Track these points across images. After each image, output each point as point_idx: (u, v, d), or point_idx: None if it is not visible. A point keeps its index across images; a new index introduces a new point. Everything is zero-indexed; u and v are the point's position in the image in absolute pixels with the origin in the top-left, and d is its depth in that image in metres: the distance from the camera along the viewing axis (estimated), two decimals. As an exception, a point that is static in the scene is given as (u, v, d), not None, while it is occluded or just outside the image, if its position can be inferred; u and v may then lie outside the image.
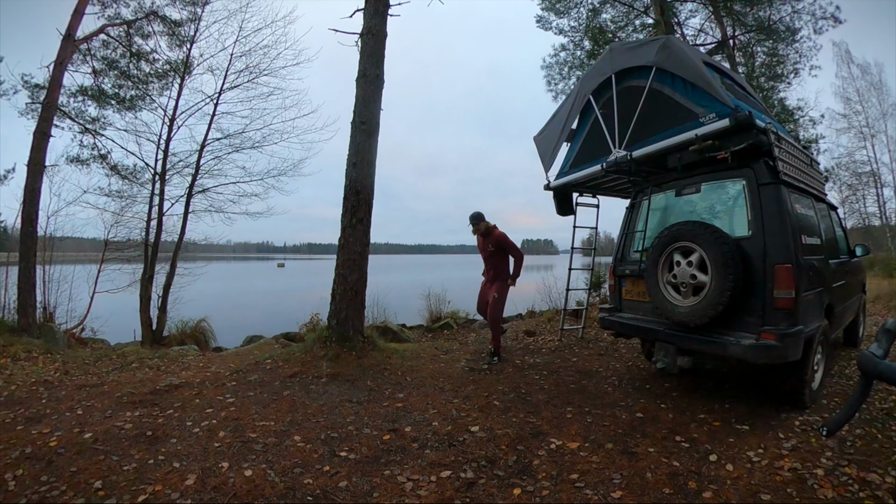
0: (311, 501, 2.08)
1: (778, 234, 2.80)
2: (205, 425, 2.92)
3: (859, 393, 0.88)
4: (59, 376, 4.19)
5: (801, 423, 2.76)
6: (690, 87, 3.31)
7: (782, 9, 10.64)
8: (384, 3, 5.06)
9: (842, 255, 4.04)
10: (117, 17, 8.38)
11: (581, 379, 3.94)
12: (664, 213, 3.59)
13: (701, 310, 2.87)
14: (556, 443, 2.63)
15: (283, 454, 2.52)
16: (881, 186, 20.44)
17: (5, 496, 2.09)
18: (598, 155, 4.10)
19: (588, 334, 5.72)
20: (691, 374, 3.88)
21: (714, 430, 2.76)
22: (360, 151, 4.83)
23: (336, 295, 4.76)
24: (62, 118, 7.97)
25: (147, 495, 2.10)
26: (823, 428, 0.89)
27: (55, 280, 7.42)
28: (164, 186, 8.66)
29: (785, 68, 11.10)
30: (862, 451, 2.39)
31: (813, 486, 2.06)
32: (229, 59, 9.02)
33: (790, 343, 2.65)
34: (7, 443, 2.65)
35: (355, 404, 3.34)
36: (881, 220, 20.73)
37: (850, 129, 20.47)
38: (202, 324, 8.42)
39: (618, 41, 9.14)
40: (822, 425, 0.88)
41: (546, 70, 12.22)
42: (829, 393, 3.38)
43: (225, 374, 4.09)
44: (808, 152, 3.73)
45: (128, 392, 3.62)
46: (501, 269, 4.76)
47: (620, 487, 2.14)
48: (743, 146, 2.92)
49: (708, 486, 2.12)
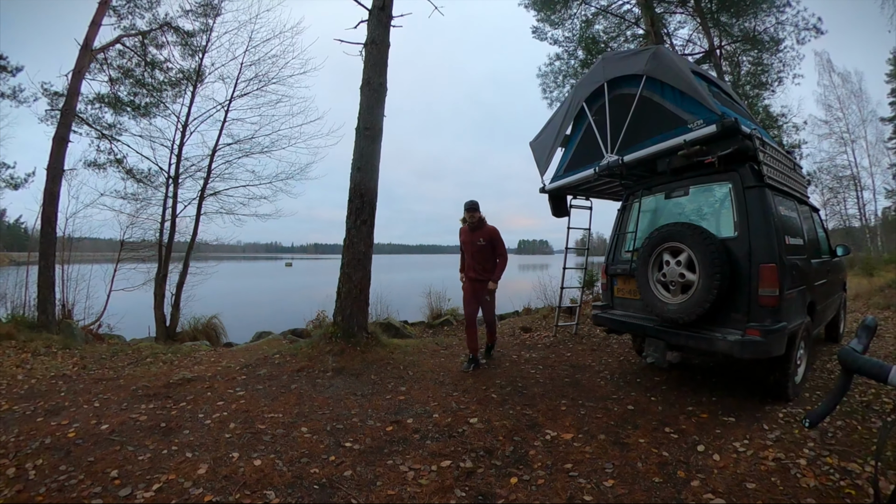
0: (318, 490, 2.08)
1: (762, 235, 2.80)
2: (216, 417, 2.92)
3: (840, 386, 0.88)
4: (77, 370, 4.19)
5: (785, 415, 2.76)
6: (679, 95, 3.31)
7: (767, 20, 10.66)
8: (387, 14, 5.06)
9: (823, 255, 4.04)
10: (133, 28, 8.40)
11: (575, 373, 3.94)
12: (654, 214, 3.59)
13: (689, 307, 2.87)
14: (551, 434, 2.63)
15: (290, 445, 2.53)
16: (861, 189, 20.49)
17: (26, 484, 2.09)
18: (592, 159, 4.10)
19: (581, 330, 5.72)
20: (680, 368, 3.88)
21: (702, 421, 2.76)
22: (364, 156, 4.83)
23: (341, 293, 4.76)
24: (80, 124, 7.99)
25: (161, 484, 2.10)
26: (806, 420, 0.89)
27: (73, 279, 7.43)
28: (178, 189, 8.68)
29: (769, 77, 11.11)
30: (843, 441, 2.39)
31: (796, 475, 2.06)
32: (239, 68, 9.06)
33: (774, 339, 2.64)
34: (28, 434, 2.66)
35: (359, 397, 3.34)
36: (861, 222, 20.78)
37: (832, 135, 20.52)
38: (213, 320, 8.45)
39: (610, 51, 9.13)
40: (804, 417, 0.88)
41: (542, 78, 12.23)
42: (811, 386, 3.38)
43: (235, 369, 4.10)
44: (791, 157, 3.73)
45: (142, 385, 3.62)
46: (488, 266, 4.16)
47: (612, 476, 2.14)
48: (729, 151, 2.92)
49: (696, 475, 2.12)
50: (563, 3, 11.32)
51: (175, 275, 8.76)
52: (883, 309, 7.21)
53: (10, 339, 5.13)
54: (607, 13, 11.46)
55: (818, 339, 4.72)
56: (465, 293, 4.31)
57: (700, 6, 10.79)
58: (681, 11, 11.40)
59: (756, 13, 10.54)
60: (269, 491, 2.05)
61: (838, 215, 21.09)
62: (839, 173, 20.64)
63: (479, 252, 4.16)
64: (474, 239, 4.15)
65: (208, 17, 8.93)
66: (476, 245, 4.14)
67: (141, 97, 8.65)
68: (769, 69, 11.07)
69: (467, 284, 4.28)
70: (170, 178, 8.65)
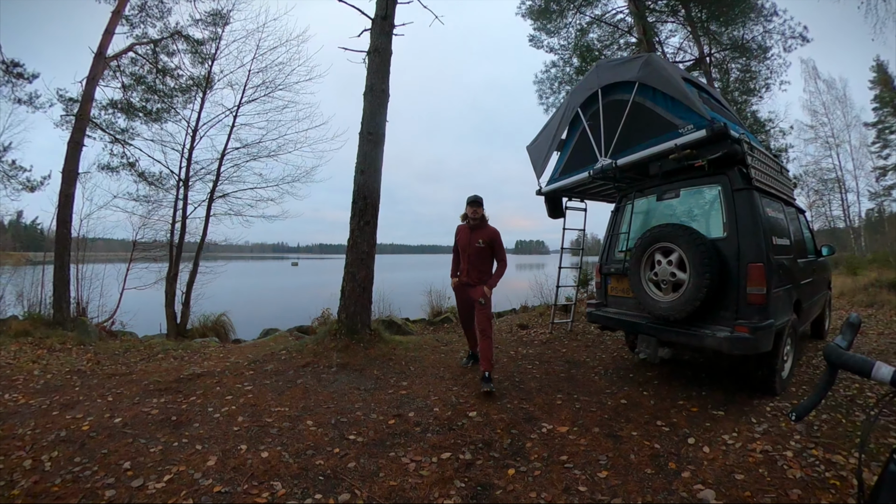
0: (323, 480, 2.07)
1: (750, 236, 2.80)
2: (225, 411, 2.92)
3: (825, 381, 0.88)
4: (91, 366, 4.19)
5: (772, 409, 2.76)
6: (670, 101, 3.31)
7: (755, 29, 10.65)
8: (389, 24, 5.06)
9: (809, 255, 4.04)
10: (145, 37, 8.39)
11: (570, 368, 3.94)
12: (646, 216, 3.59)
13: (680, 305, 2.87)
14: (547, 427, 2.63)
15: (296, 437, 2.52)
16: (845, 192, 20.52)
17: (42, 475, 2.09)
18: (586, 163, 4.09)
19: (576, 327, 5.72)
20: (671, 364, 3.88)
21: (692, 415, 2.75)
22: (367, 160, 4.82)
23: (345, 291, 4.76)
24: (94, 129, 7.97)
25: (172, 475, 2.09)
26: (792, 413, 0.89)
27: (87, 278, 7.44)
28: (188, 192, 8.68)
29: (757, 83, 11.10)
30: (828, 434, 2.39)
31: (783, 467, 2.06)
32: (247, 75, 9.06)
33: (762, 335, 2.64)
34: (44, 427, 2.66)
35: (363, 392, 3.33)
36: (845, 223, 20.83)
37: (817, 140, 20.56)
38: (222, 318, 8.45)
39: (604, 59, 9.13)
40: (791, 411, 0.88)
41: (538, 85, 12.21)
42: (797, 381, 3.38)
43: (243, 364, 4.09)
44: (778, 160, 3.73)
45: (154, 380, 3.62)
46: (485, 269, 3.64)
47: (606, 468, 2.13)
48: (718, 155, 2.92)
49: (686, 466, 2.12)
50: (558, 12, 11.31)
51: (185, 274, 8.76)
52: (866, 307, 7.21)
53: (27, 335, 5.14)
54: (601, 22, 11.46)
55: (804, 336, 4.73)
56: (458, 300, 3.86)
57: (690, 15, 10.80)
58: (672, 20, 11.40)
59: (744, 22, 10.54)
60: (276, 482, 2.05)
61: (823, 217, 21.14)
62: (824, 176, 20.70)
63: (477, 255, 3.61)
64: (473, 240, 3.61)
65: (217, 26, 8.94)
66: (474, 247, 3.60)
67: (153, 103, 8.65)
68: (757, 76, 11.07)
69: (460, 289, 3.76)
70: (180, 181, 8.65)
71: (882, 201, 20.91)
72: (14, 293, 6.98)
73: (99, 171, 8.35)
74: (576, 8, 11.25)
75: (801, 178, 19.77)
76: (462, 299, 3.79)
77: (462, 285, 3.72)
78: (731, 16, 10.36)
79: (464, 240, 3.70)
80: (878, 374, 0.79)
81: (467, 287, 3.67)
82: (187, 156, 8.69)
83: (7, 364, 4.11)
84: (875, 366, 0.79)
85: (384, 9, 5.02)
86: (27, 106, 7.97)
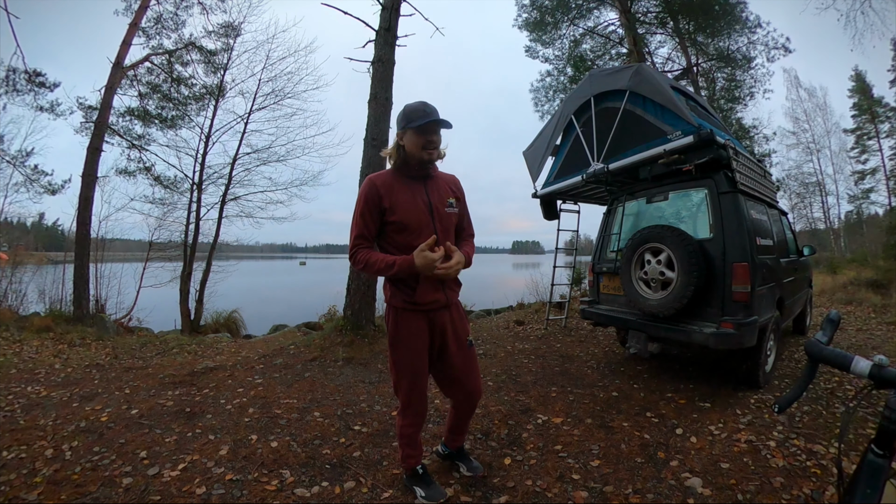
0: (329, 469, 2.07)
1: (736, 236, 2.79)
2: (236, 403, 2.92)
3: (806, 375, 0.88)
4: (109, 360, 4.19)
5: (756, 401, 2.75)
6: (660, 108, 3.30)
7: (739, 40, 10.67)
8: (393, 35, 5.07)
9: (791, 255, 4.03)
10: (160, 48, 8.40)
11: (564, 362, 3.93)
12: (636, 218, 3.58)
13: (668, 302, 2.87)
14: (542, 418, 2.63)
15: (304, 428, 2.52)
16: (825, 195, 20.50)
17: (63, 464, 2.09)
18: (579, 167, 4.09)
19: (570, 324, 5.71)
20: (660, 358, 3.88)
21: (680, 407, 2.75)
22: (371, 165, 4.82)
23: (350, 289, 4.76)
24: (112, 135, 7.99)
25: (186, 464, 2.09)
26: (775, 405, 0.89)
27: (106, 276, 7.46)
28: (201, 195, 8.69)
29: (742, 92, 11.11)
30: (809, 425, 2.38)
31: (766, 456, 2.05)
32: (258, 84, 9.07)
33: (746, 331, 2.64)
34: (64, 418, 2.66)
35: (367, 385, 3.33)
36: (825, 224, 20.78)
37: (799, 145, 20.51)
38: (234, 314, 8.45)
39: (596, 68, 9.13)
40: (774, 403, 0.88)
41: (534, 93, 12.23)
42: (780, 374, 3.37)
43: (254, 359, 4.09)
44: (761, 165, 3.73)
45: (169, 374, 3.62)
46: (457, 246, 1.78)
47: (598, 457, 2.13)
48: (705, 159, 2.92)
49: (675, 455, 2.12)
50: (553, 24, 11.32)
51: (199, 272, 8.76)
52: (846, 304, 7.20)
53: (48, 331, 5.14)
54: (594, 34, 11.47)
55: (787, 332, 4.72)
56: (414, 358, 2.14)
57: (678, 27, 10.81)
58: (661, 32, 11.41)
59: (730, 34, 10.56)
60: (285, 470, 2.05)
61: (805, 218, 21.09)
62: (806, 180, 20.66)
63: (446, 220, 1.79)
64: (440, 199, 1.78)
65: (229, 37, 8.95)
66: (442, 210, 1.79)
67: (168, 110, 8.66)
68: (742, 85, 11.08)
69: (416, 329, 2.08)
70: (194, 185, 8.66)
71: (860, 204, 20.86)
72: (36, 291, 6.99)
73: (117, 175, 8.40)
74: (570, 20, 11.27)
75: (784, 182, 19.75)
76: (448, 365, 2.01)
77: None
78: (717, 28, 10.38)
79: (435, 201, 1.84)
80: (856, 367, 0.79)
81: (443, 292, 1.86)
82: (201, 160, 8.70)
83: (30, 358, 4.11)
84: (853, 360, 0.79)
85: (387, 21, 5.02)
86: (49, 113, 8.00)
